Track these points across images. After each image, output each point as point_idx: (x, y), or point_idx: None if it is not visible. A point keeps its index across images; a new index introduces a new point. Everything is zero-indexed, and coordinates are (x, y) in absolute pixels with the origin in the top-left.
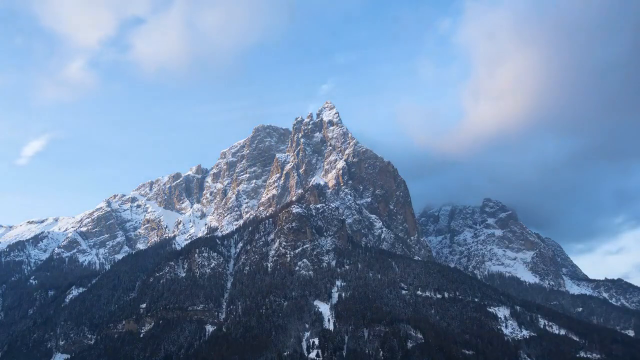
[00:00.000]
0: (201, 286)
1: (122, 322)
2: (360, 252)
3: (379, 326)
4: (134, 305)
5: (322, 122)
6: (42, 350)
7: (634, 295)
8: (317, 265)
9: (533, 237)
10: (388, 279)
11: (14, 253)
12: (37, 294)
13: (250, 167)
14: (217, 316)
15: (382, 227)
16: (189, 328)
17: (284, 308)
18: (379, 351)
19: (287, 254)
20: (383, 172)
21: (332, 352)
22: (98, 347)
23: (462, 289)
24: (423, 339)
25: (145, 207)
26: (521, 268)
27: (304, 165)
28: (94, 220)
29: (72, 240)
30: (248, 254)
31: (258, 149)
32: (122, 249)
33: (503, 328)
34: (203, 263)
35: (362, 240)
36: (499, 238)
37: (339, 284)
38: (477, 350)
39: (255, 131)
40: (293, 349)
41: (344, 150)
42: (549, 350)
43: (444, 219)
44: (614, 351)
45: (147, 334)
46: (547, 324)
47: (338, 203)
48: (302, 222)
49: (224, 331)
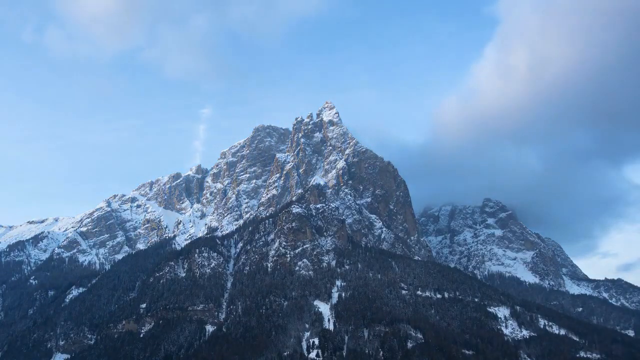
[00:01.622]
0: (201, 286)
1: (122, 322)
2: (360, 252)
3: (379, 326)
4: (134, 305)
5: (322, 122)
6: (42, 350)
7: (634, 295)
8: (317, 265)
9: (533, 237)
10: (388, 279)
11: (14, 253)
12: (37, 294)
13: (250, 167)
14: (217, 316)
15: (382, 227)
16: (189, 328)
17: (284, 308)
18: (379, 351)
19: (287, 254)
20: (383, 172)
21: (332, 352)
22: (98, 347)
23: (462, 289)
24: (423, 339)
25: (145, 207)
26: (521, 268)
27: (304, 165)
28: (94, 220)
29: (72, 240)
30: (248, 254)
31: (258, 149)
32: (122, 249)
33: (503, 328)
34: (203, 263)
35: (362, 240)
36: (499, 238)
37: (339, 284)
38: (477, 350)
39: (255, 131)
40: (293, 349)
41: (344, 150)
42: (549, 350)
43: (444, 219)
44: (614, 351)
45: (147, 334)
46: (547, 324)
47: (338, 203)
48: (302, 222)
49: (224, 331)
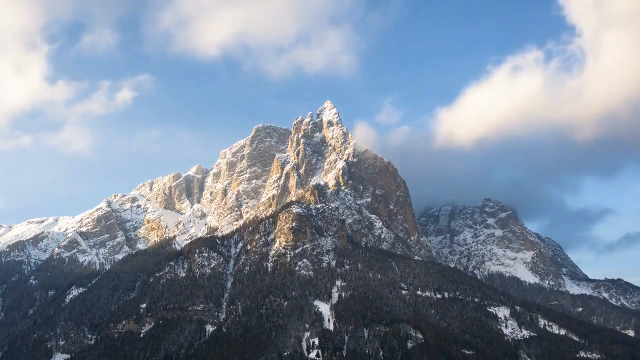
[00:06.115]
0: (201, 286)
1: (122, 322)
2: (360, 252)
3: (379, 326)
4: (134, 305)
5: (322, 122)
6: (42, 350)
7: (634, 295)
8: (317, 265)
9: (533, 237)
10: (388, 279)
11: (14, 253)
12: (37, 294)
13: (250, 167)
14: (217, 316)
15: (382, 227)
16: (189, 328)
17: (284, 308)
18: (379, 351)
19: (287, 254)
20: (383, 172)
21: (332, 352)
22: (98, 347)
23: (462, 289)
24: (423, 339)
25: (145, 207)
26: (521, 268)
27: (304, 165)
28: (94, 220)
29: (72, 240)
30: (248, 254)
31: (258, 149)
32: (122, 249)
33: (503, 328)
34: (203, 263)
35: (362, 240)
36: (499, 238)
37: (339, 284)
38: (477, 350)
39: (256, 131)
40: (293, 349)
41: (344, 150)
42: (549, 350)
43: (444, 219)
44: (614, 351)
45: (147, 334)
46: (547, 324)
47: (338, 203)
48: (302, 222)
49: (224, 331)
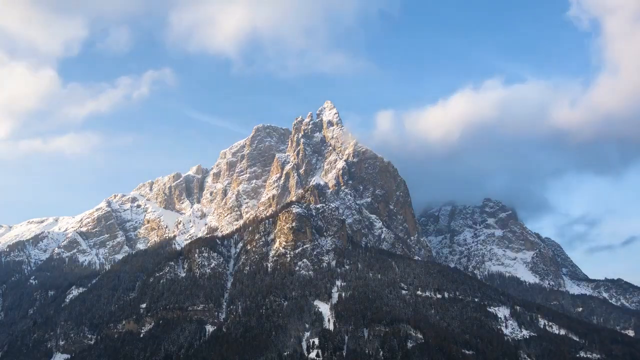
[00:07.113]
0: (201, 286)
1: (122, 322)
2: (360, 252)
3: (379, 326)
4: (134, 305)
5: (322, 122)
6: (42, 350)
7: (634, 295)
8: (317, 265)
9: (533, 237)
10: (388, 279)
11: (14, 253)
12: (37, 294)
13: (250, 167)
14: (217, 316)
15: (382, 227)
16: (189, 328)
17: (284, 308)
18: (379, 351)
19: (287, 254)
20: (383, 172)
21: (332, 352)
22: (98, 347)
23: (462, 289)
24: (423, 339)
25: (145, 207)
26: (521, 268)
27: (304, 165)
28: (94, 220)
29: (72, 240)
30: (248, 254)
31: (258, 149)
32: (122, 249)
33: (503, 328)
34: (203, 263)
35: (362, 240)
36: (499, 238)
37: (339, 284)
38: (477, 350)
39: (256, 131)
40: (293, 349)
41: (343, 150)
42: (549, 350)
43: (444, 219)
44: (614, 351)
45: (147, 334)
46: (547, 324)
47: (338, 203)
48: (302, 222)
49: (224, 331)
